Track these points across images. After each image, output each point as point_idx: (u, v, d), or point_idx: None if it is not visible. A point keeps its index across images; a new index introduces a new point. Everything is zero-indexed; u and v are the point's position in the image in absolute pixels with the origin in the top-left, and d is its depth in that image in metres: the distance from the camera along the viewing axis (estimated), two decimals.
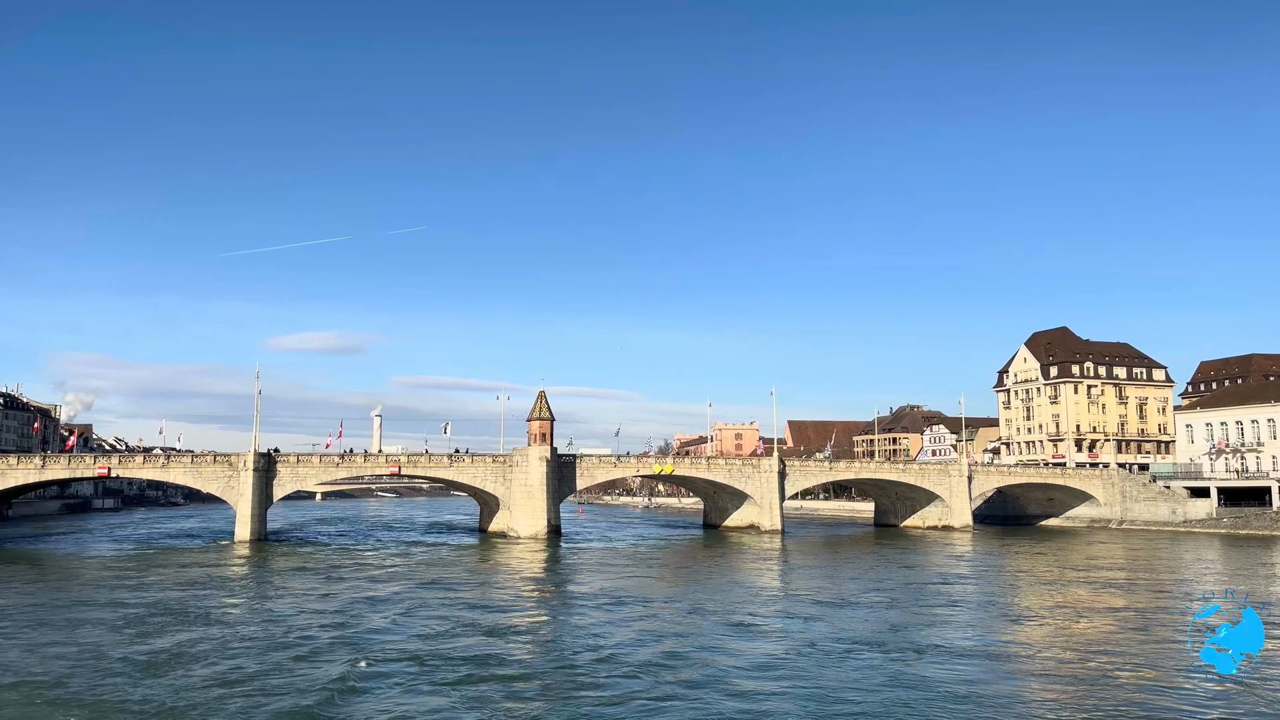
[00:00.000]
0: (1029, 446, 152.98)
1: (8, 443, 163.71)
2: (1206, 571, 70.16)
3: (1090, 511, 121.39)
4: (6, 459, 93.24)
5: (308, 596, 52.50)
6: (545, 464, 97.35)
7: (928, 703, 27.37)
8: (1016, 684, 30.05)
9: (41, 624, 41.96)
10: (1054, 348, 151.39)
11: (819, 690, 28.97)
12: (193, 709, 26.60)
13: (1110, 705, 27.03)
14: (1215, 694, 27.85)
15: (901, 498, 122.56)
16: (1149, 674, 31.13)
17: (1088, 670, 32.44)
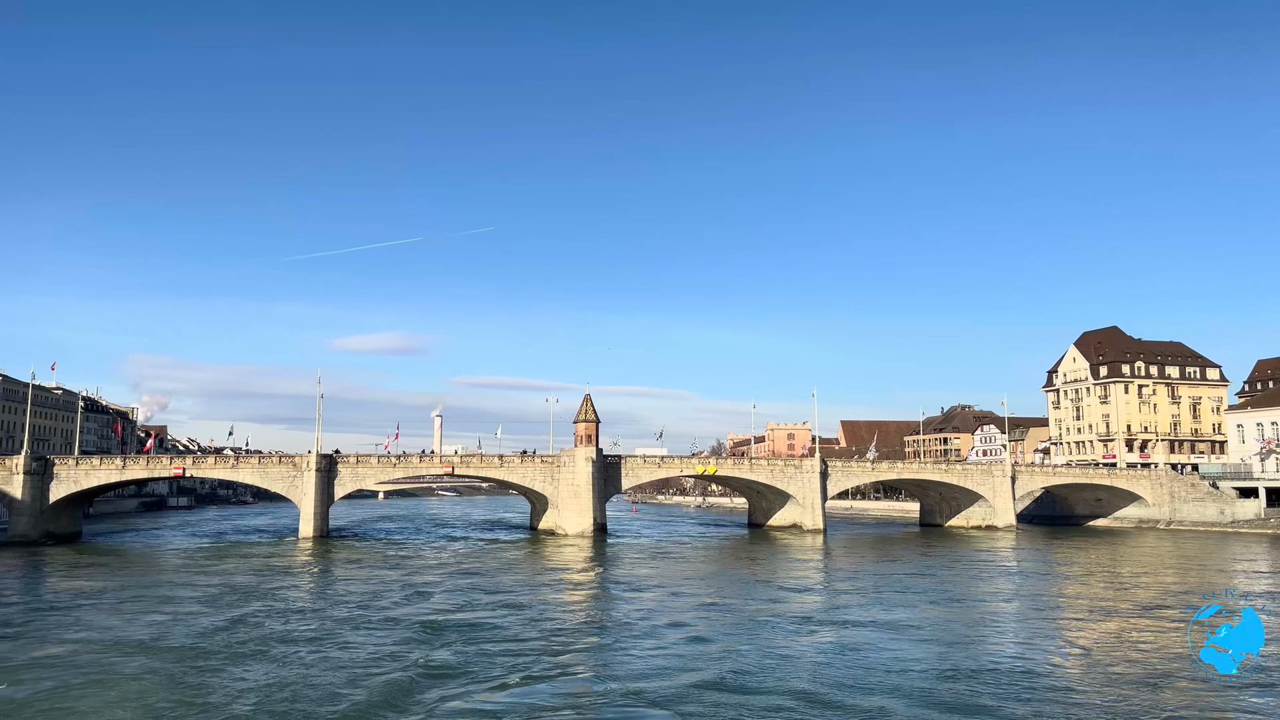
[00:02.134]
0: (1079, 447, 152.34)
1: (89, 444, 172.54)
2: (1243, 571, 70.80)
3: (1138, 512, 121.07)
4: (90, 460, 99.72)
5: (358, 585, 57.33)
6: (591, 464, 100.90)
7: (929, 696, 29.96)
8: (1024, 686, 30.42)
9: (136, 600, 49.12)
10: (1104, 347, 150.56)
11: (831, 685, 31.76)
12: (260, 674, 31.15)
13: (1118, 705, 27.79)
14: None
15: (946, 498, 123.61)
16: (1154, 675, 32.15)
17: (1103, 671, 33.33)
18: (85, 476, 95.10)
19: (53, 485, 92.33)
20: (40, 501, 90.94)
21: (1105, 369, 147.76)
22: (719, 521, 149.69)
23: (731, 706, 27.50)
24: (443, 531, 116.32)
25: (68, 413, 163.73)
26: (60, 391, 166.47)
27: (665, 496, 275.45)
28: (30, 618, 44.39)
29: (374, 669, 32.48)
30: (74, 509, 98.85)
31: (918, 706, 27.45)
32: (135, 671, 32.17)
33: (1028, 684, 30.47)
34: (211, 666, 32.92)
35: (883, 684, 30.43)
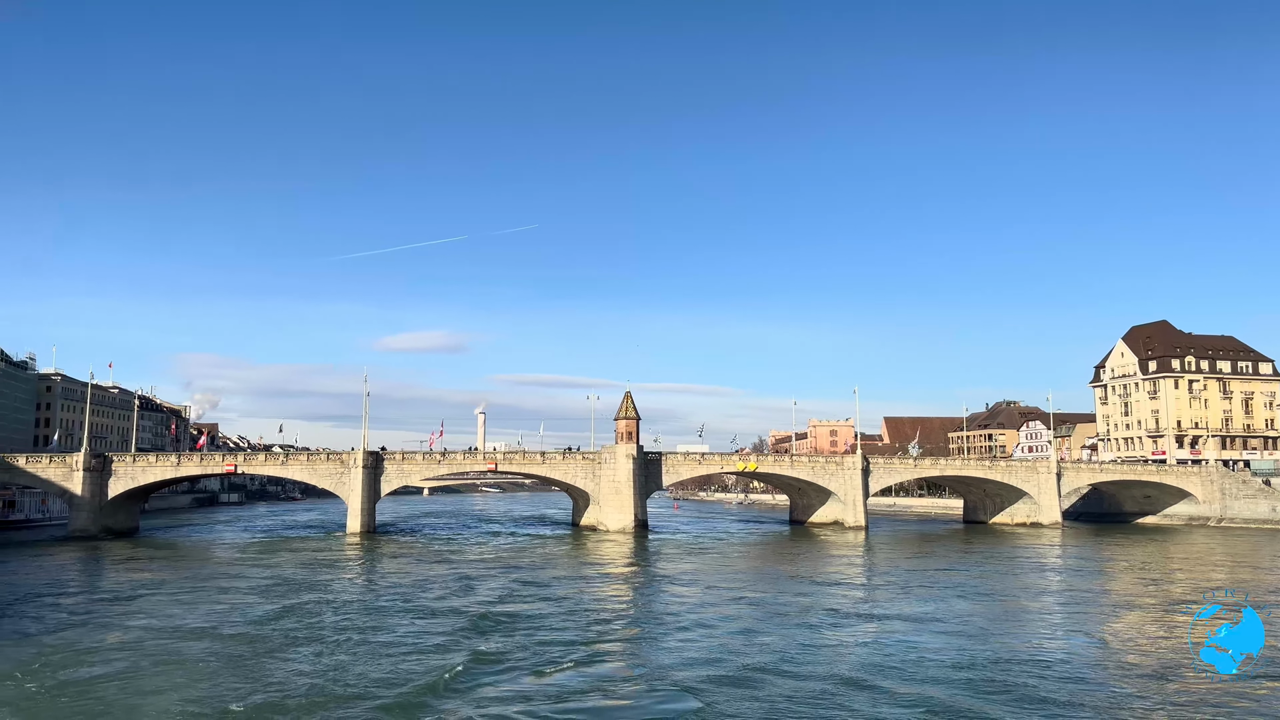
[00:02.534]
0: (1127, 443, 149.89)
1: (144, 441, 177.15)
2: None
3: (1188, 509, 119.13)
4: (147, 457, 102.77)
5: (404, 578, 59.33)
6: (631, 461, 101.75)
7: (950, 690, 30.34)
8: (1046, 684, 30.33)
9: (195, 591, 52.06)
10: (1153, 342, 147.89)
11: (853, 677, 32.27)
12: (312, 657, 32.89)
13: (1134, 703, 28.00)
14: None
15: (990, 495, 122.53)
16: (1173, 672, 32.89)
17: (1129, 670, 33.36)
18: (142, 473, 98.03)
19: (111, 482, 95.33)
20: (99, 498, 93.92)
21: (1154, 364, 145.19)
22: (760, 518, 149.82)
23: (757, 695, 28.13)
24: (486, 527, 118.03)
25: (124, 411, 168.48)
26: (117, 391, 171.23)
27: (707, 493, 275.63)
28: (97, 607, 46.76)
29: (418, 655, 33.85)
30: (131, 505, 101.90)
31: (938, 700, 27.70)
32: (199, 655, 34.24)
33: (1050, 682, 30.62)
34: (268, 650, 34.85)
35: (903, 677, 30.80)
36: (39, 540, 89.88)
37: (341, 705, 27.08)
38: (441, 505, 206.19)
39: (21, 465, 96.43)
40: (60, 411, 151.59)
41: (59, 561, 69.91)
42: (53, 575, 61.24)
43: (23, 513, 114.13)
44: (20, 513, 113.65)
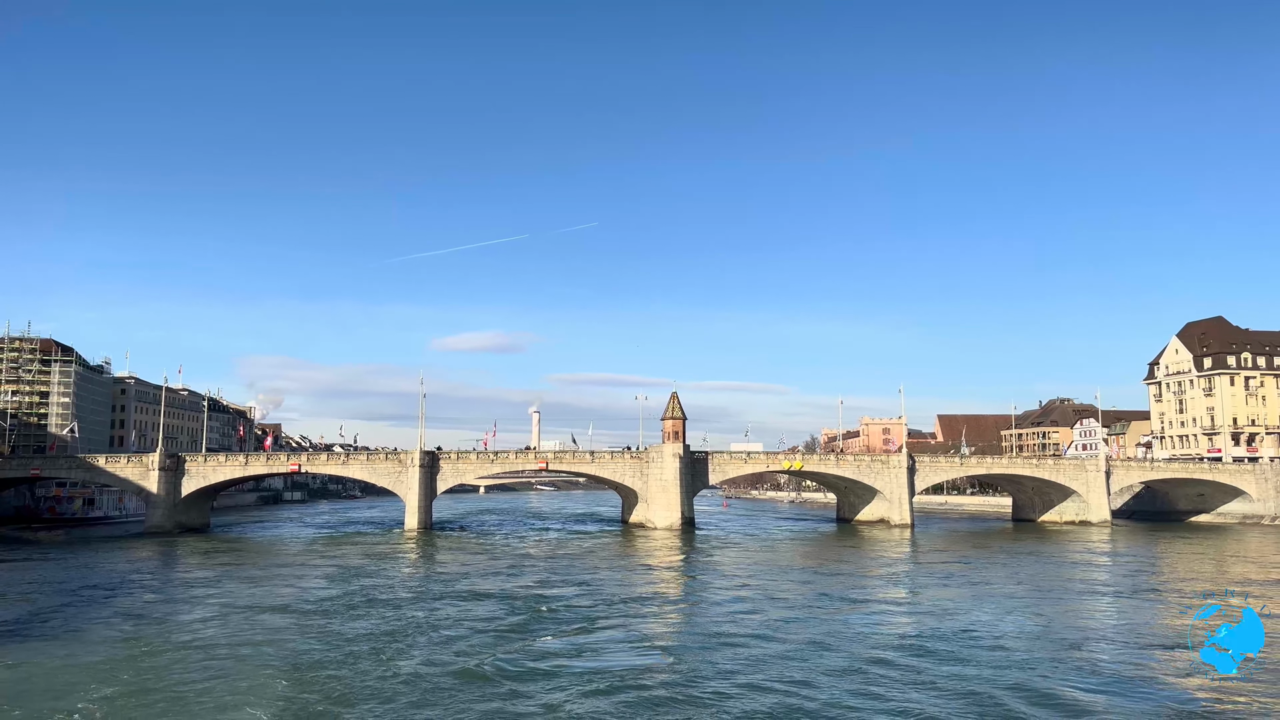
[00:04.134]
0: (1182, 441, 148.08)
1: (212, 442, 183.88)
2: None
3: (1243, 508, 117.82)
4: (217, 457, 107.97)
5: (456, 569, 63.49)
6: (678, 460, 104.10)
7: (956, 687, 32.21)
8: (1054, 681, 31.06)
9: (269, 580, 56.89)
10: (1208, 338, 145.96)
11: (868, 670, 34.30)
12: (372, 636, 36.28)
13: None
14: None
15: (1039, 493, 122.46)
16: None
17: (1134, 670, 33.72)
18: (213, 472, 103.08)
19: (184, 480, 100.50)
20: (174, 496, 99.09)
21: (1209, 360, 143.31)
22: (807, 516, 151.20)
23: (776, 683, 30.32)
24: (538, 524, 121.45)
25: (193, 412, 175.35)
26: (186, 393, 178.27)
27: (759, 492, 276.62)
28: (190, 593, 51.91)
29: (464, 637, 37.46)
30: (202, 502, 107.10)
31: (959, 697, 29.35)
32: (278, 632, 38.90)
33: (1069, 678, 32.33)
34: (334, 627, 39.91)
35: (919, 673, 32.16)
36: (119, 536, 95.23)
37: (395, 683, 30.04)
38: (496, 503, 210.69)
39: (101, 465, 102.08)
40: (134, 414, 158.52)
41: (144, 555, 74.81)
42: (142, 567, 66.36)
43: (101, 510, 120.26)
44: (99, 510, 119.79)
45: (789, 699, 28.14)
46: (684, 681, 30.48)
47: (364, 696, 28.26)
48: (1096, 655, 35.10)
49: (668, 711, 26.81)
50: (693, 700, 28.02)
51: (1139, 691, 29.12)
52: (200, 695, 28.36)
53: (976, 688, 29.51)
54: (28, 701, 27.30)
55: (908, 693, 28.98)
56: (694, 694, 28.77)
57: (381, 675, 30.89)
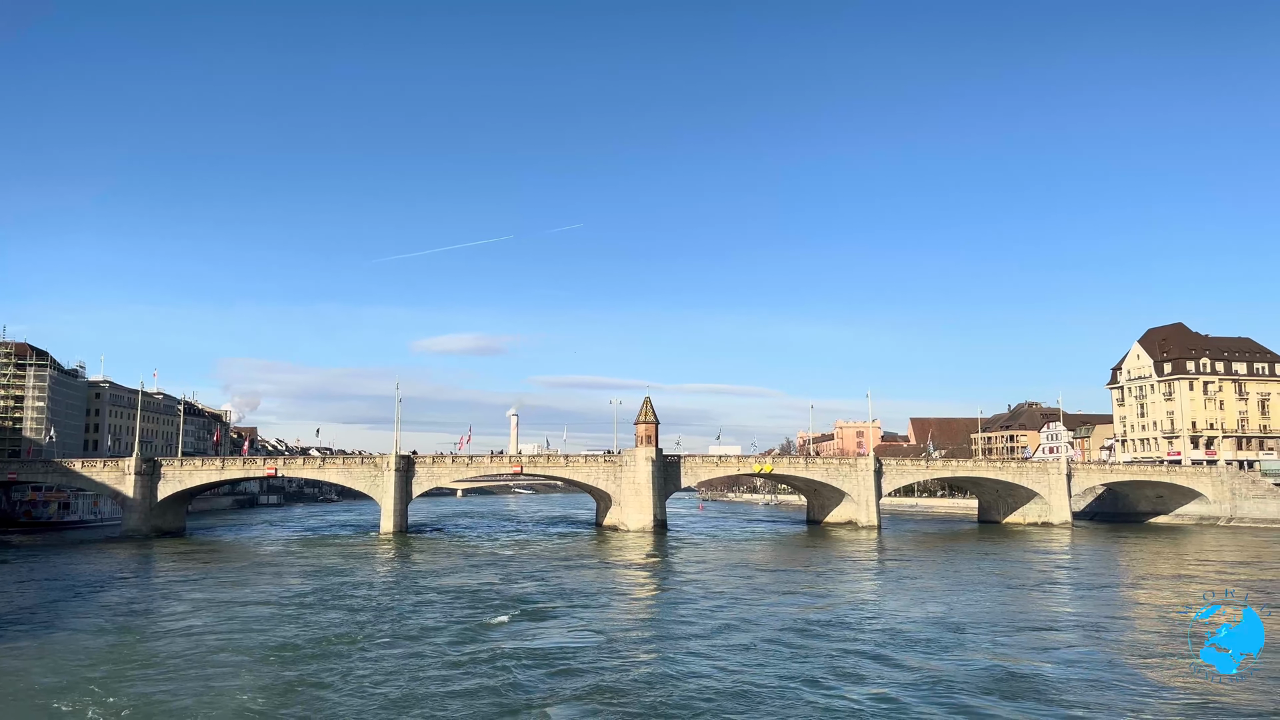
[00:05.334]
0: (1143, 444, 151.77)
1: (187, 445, 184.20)
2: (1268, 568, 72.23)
3: (1199, 509, 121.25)
4: (193, 461, 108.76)
5: (426, 571, 65.13)
6: (651, 464, 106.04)
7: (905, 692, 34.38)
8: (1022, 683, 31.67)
9: (245, 580, 58.04)
10: (1168, 344, 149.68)
11: (803, 662, 36.42)
12: (342, 631, 38.02)
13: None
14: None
15: (1003, 495, 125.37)
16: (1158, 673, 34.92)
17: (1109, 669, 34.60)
18: (189, 476, 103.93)
19: (160, 484, 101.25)
20: (149, 499, 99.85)
21: (1170, 366, 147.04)
22: (780, 518, 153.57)
23: (710, 679, 32.33)
24: (512, 527, 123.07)
25: (169, 416, 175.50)
26: (161, 397, 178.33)
27: (735, 494, 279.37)
28: (162, 594, 53.10)
29: (429, 634, 39.12)
30: (178, 506, 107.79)
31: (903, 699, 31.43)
32: (253, 626, 40.63)
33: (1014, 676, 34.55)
34: (307, 626, 40.91)
35: (855, 670, 33.98)
36: (95, 539, 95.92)
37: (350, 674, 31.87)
38: (473, 506, 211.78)
39: (77, 469, 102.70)
40: (109, 417, 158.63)
41: (121, 558, 75.89)
42: (119, 569, 67.46)
43: (76, 514, 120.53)
44: (74, 514, 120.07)
45: (736, 685, 30.13)
46: (628, 666, 32.76)
47: (333, 689, 30.06)
48: (1031, 646, 37.34)
49: (615, 697, 28.77)
50: (638, 686, 30.05)
51: (1089, 681, 31.36)
52: (175, 695, 29.82)
53: (913, 679, 31.66)
54: (4, 704, 28.70)
55: (843, 683, 31.07)
56: (638, 679, 30.85)
57: (349, 670, 32.69)
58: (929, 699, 28.72)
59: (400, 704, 28.06)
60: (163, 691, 29.77)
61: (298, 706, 28.03)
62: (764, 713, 27.14)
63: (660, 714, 26.91)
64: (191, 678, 31.43)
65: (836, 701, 28.47)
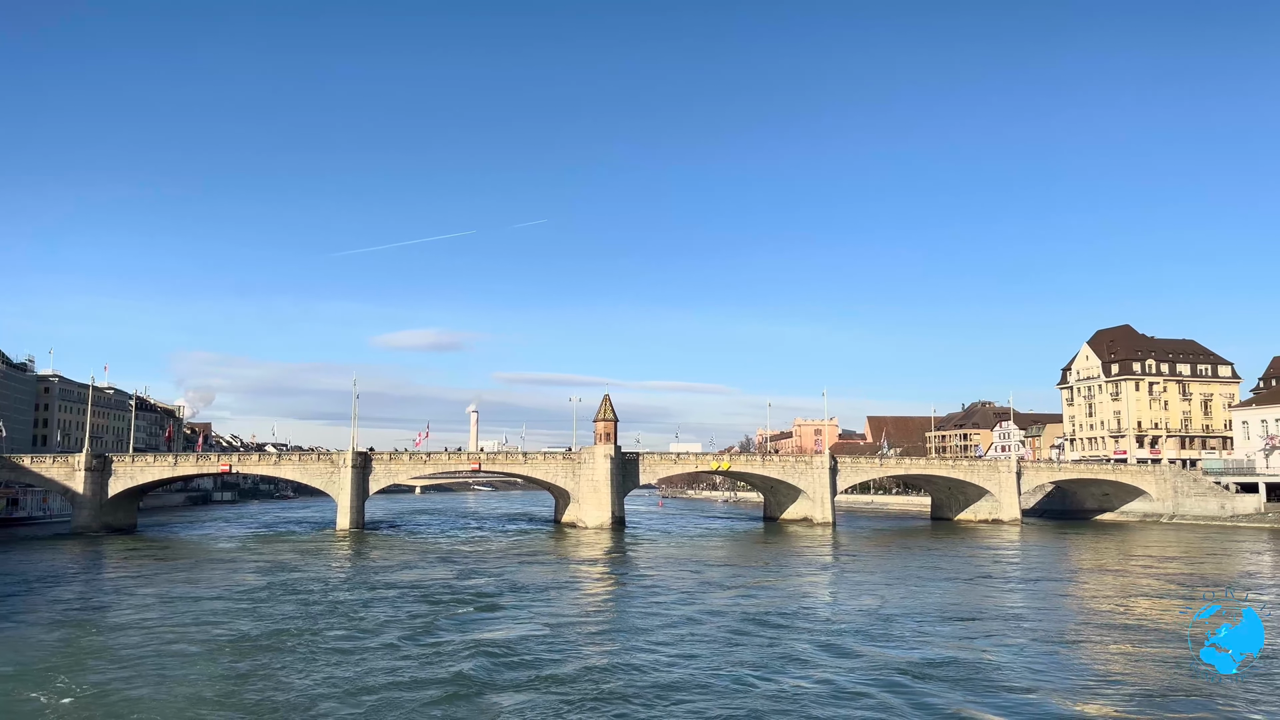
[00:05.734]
0: (1091, 443, 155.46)
1: (139, 441, 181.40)
2: (1217, 561, 74.69)
3: (1143, 506, 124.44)
4: (145, 457, 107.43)
5: (380, 566, 65.48)
6: (609, 461, 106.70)
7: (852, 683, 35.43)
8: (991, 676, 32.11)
9: (196, 577, 57.78)
10: (1116, 345, 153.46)
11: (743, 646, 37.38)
12: (292, 629, 38.13)
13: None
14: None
15: (955, 492, 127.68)
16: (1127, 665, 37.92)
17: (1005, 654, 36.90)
18: (141, 473, 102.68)
19: (111, 481, 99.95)
20: (100, 496, 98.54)
21: (1117, 367, 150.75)
22: (738, 515, 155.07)
23: (658, 671, 33.20)
24: (470, 524, 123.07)
25: (120, 411, 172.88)
26: (112, 392, 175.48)
27: (695, 491, 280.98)
28: (115, 589, 52.99)
29: (381, 627, 39.68)
30: (129, 503, 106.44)
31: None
32: (204, 621, 40.62)
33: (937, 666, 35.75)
34: (264, 621, 41.02)
35: (776, 662, 34.52)
36: (44, 536, 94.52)
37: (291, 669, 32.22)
38: (432, 503, 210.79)
39: (26, 465, 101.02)
40: (59, 413, 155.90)
41: (71, 554, 75.05)
42: (71, 565, 66.91)
43: (25, 510, 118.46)
44: (23, 510, 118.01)
45: (684, 675, 30.96)
46: (577, 657, 33.59)
47: (285, 679, 30.47)
48: (969, 635, 38.59)
49: (563, 687, 29.47)
50: (587, 676, 30.79)
51: (1030, 667, 32.62)
52: (131, 683, 30.10)
53: (855, 666, 32.77)
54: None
55: (788, 671, 32.09)
56: (587, 669, 31.58)
57: (301, 661, 33.08)
58: (870, 685, 29.77)
59: (350, 693, 28.55)
60: (118, 680, 30.08)
61: (251, 694, 28.46)
62: (710, 700, 27.95)
63: (608, 702, 27.62)
64: (147, 668, 31.75)
65: (783, 688, 29.40)
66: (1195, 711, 26.75)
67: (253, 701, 27.70)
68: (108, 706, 27.17)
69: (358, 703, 27.45)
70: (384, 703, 27.46)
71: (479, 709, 26.99)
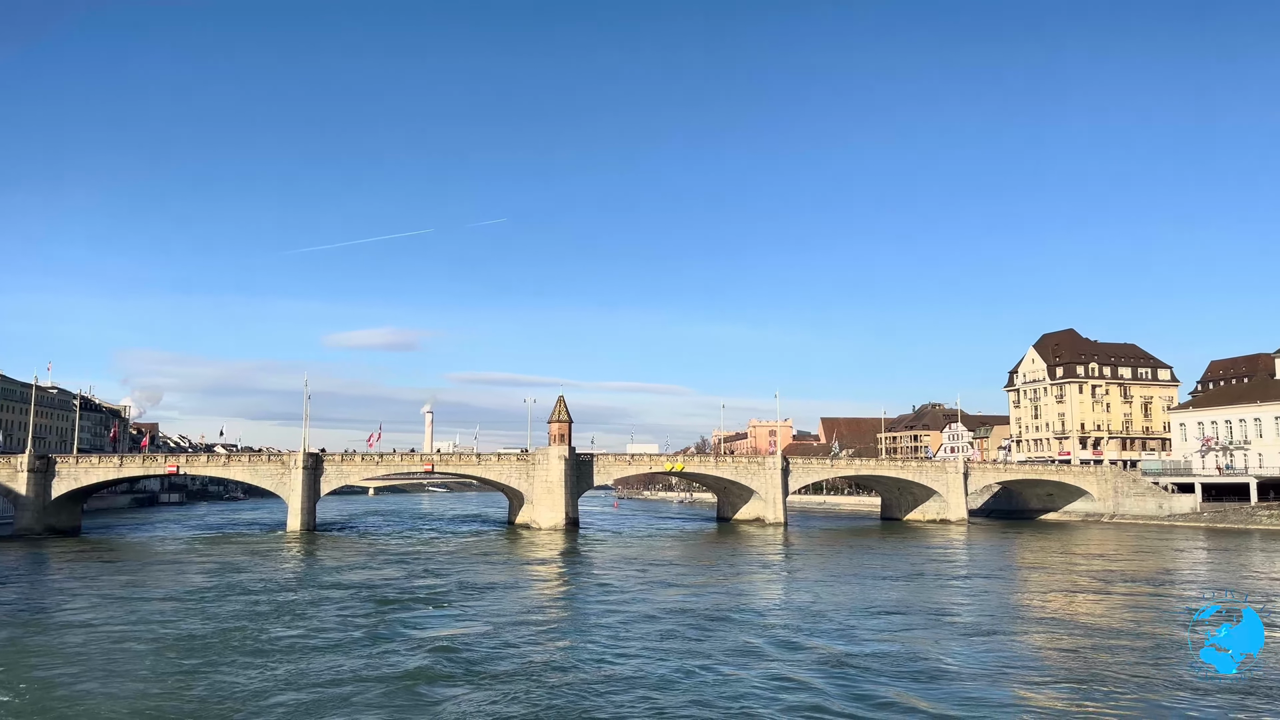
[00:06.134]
0: (1036, 444, 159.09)
1: (83, 442, 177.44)
2: (1144, 559, 77.14)
3: (1085, 506, 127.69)
4: (90, 458, 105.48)
5: (329, 568, 65.40)
6: (564, 462, 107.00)
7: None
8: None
9: (144, 578, 57.17)
10: (1060, 349, 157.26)
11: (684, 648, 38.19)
12: (239, 627, 38.20)
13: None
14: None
15: (905, 493, 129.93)
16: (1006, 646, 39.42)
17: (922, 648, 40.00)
18: (85, 474, 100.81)
19: (55, 482, 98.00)
20: (44, 498, 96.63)
21: (1061, 370, 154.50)
22: (693, 516, 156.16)
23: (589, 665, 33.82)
24: (423, 525, 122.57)
25: (64, 411, 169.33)
26: (56, 391, 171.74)
27: (652, 492, 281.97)
28: (59, 589, 52.72)
29: (327, 625, 39.92)
30: (73, 505, 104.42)
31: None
32: (156, 613, 40.94)
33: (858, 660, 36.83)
34: (210, 620, 41.11)
35: (725, 657, 35.54)
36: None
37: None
38: (385, 505, 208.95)
39: None
40: (0, 412, 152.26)
41: (13, 556, 73.59)
42: (13, 567, 65.83)
43: None
44: None
45: (628, 670, 31.61)
46: (520, 654, 34.13)
47: (230, 675, 30.63)
48: (897, 629, 39.75)
49: (505, 683, 29.99)
50: (530, 672, 31.44)
51: (973, 661, 33.74)
52: (77, 679, 30.18)
53: (796, 660, 33.78)
54: None
55: (728, 664, 32.92)
56: (530, 666, 32.25)
57: (246, 659, 33.19)
58: (808, 676, 30.68)
59: (293, 690, 28.79)
60: (65, 675, 30.27)
61: (194, 692, 28.53)
62: (650, 692, 28.61)
63: (549, 697, 28.15)
64: (91, 666, 31.83)
65: (721, 678, 30.24)
66: (1118, 694, 28.12)
67: (199, 695, 27.92)
68: (49, 705, 27.12)
69: (300, 700, 27.66)
70: (328, 699, 27.75)
71: (420, 704, 27.37)
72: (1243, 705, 26.53)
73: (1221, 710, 26.08)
